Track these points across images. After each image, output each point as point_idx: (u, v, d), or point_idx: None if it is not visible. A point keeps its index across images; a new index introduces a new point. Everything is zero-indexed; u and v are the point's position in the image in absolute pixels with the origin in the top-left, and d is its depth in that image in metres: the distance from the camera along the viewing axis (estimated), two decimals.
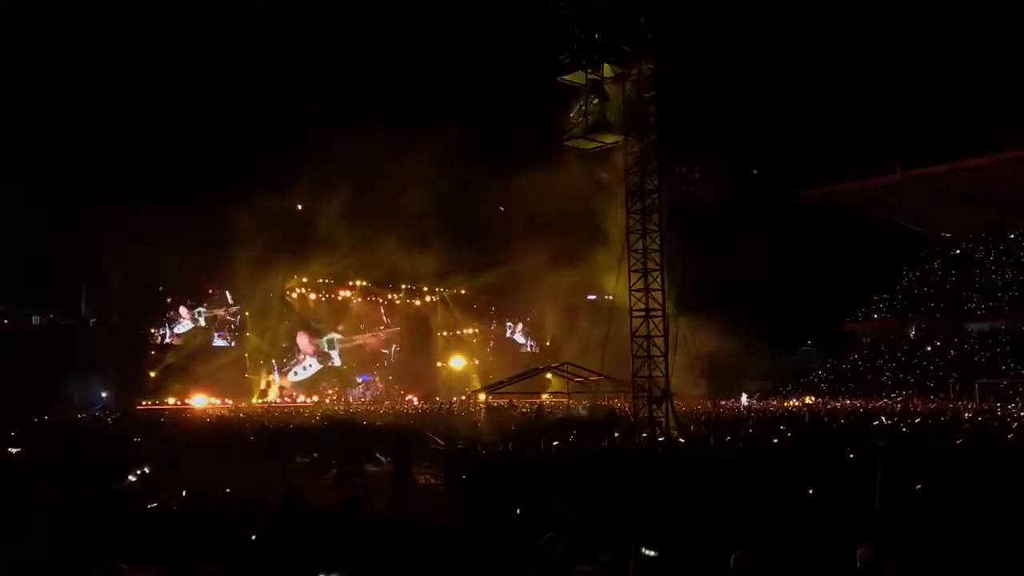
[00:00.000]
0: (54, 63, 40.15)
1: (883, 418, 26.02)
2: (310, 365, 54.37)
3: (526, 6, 32.06)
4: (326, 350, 55.37)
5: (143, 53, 41.53)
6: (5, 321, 44.43)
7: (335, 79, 43.45)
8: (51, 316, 46.52)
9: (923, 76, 53.18)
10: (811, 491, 10.38)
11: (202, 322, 50.51)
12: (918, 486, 8.93)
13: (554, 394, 37.17)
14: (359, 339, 57.09)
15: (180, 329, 49.70)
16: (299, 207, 46.57)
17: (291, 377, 53.29)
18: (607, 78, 27.78)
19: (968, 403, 37.39)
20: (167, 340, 48.91)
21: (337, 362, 55.93)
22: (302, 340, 54.39)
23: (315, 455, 21.12)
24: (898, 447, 11.74)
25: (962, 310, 57.42)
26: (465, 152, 36.41)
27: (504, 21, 39.37)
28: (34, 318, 45.84)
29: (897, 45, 51.74)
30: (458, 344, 58.52)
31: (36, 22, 40.29)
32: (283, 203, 43.49)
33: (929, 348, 57.00)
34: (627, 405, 27.78)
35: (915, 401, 40.21)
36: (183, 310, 49.88)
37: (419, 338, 58.33)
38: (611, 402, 28.40)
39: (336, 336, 55.79)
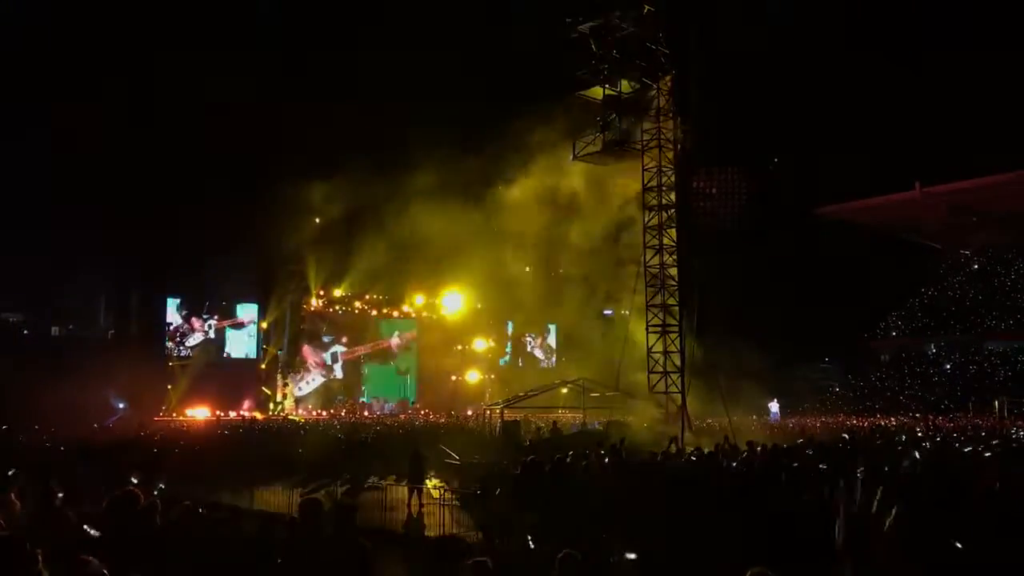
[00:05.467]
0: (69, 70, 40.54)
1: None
2: (313, 379, 54.45)
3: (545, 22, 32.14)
4: (329, 363, 55.62)
5: (155, 60, 41.97)
6: (25, 332, 44.80)
7: (345, 89, 43.63)
8: (70, 327, 46.86)
9: (943, 91, 53.04)
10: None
11: (212, 334, 50.61)
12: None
13: (569, 409, 37.05)
14: (360, 350, 57.25)
15: (192, 342, 49.79)
16: (316, 220, 46.77)
17: (296, 392, 53.46)
18: (625, 94, 27.91)
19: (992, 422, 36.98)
20: (181, 353, 49.02)
21: (339, 375, 56.06)
22: (307, 352, 54.57)
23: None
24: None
25: (981, 328, 56.98)
26: (478, 165, 36.49)
27: (522, 35, 39.45)
28: (53, 329, 46.18)
29: (918, 59, 51.61)
30: (474, 358, 58.47)
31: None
32: (301, 214, 43.70)
33: (948, 366, 56.57)
34: (643, 421, 27.67)
35: (937, 419, 39.79)
36: (195, 322, 50.01)
37: (435, 352, 58.36)
38: (627, 418, 28.25)
39: (340, 349, 56.08)
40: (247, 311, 51.69)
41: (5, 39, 38.52)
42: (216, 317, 50.53)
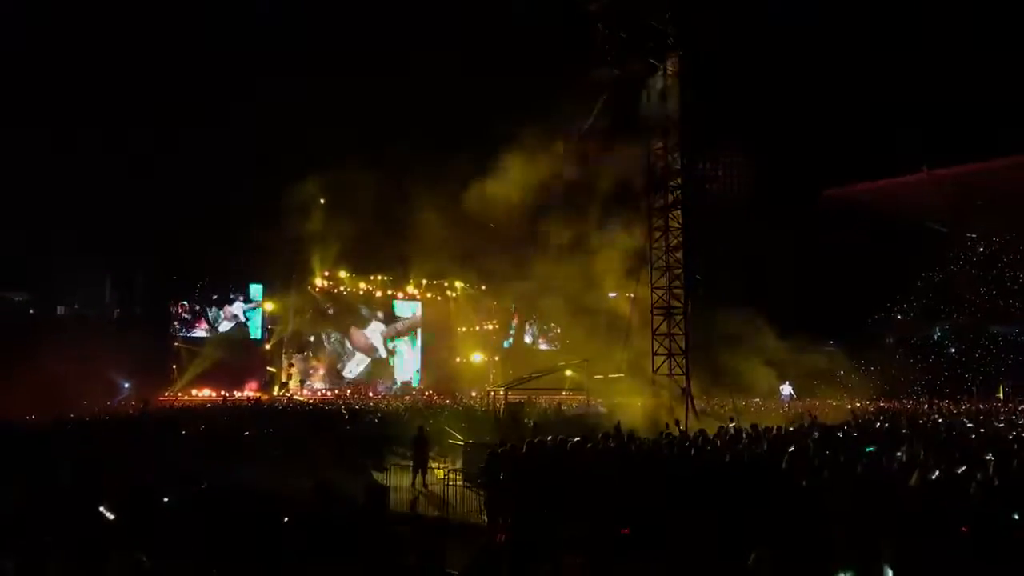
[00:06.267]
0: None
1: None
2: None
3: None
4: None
5: (165, 44, 41.75)
6: (31, 311, 44.89)
7: (353, 69, 43.36)
8: (75, 306, 46.93)
9: (950, 73, 52.63)
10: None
11: (242, 316, 50.79)
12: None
13: (573, 391, 37.09)
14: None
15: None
16: (321, 201, 46.68)
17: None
18: (632, 75, 27.78)
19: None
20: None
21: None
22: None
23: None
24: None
25: (987, 312, 56.85)
26: (483, 145, 36.33)
27: (526, 18, 39.13)
28: (59, 308, 46.26)
29: (925, 42, 51.18)
30: (477, 340, 58.56)
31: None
32: (307, 195, 43.65)
33: (953, 350, 56.51)
34: (647, 403, 27.69)
35: (942, 403, 39.79)
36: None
37: (438, 333, 58.46)
38: (631, 400, 28.27)
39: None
40: (253, 291, 51.85)
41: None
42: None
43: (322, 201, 46.35)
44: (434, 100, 42.45)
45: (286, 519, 7.37)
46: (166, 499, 8.67)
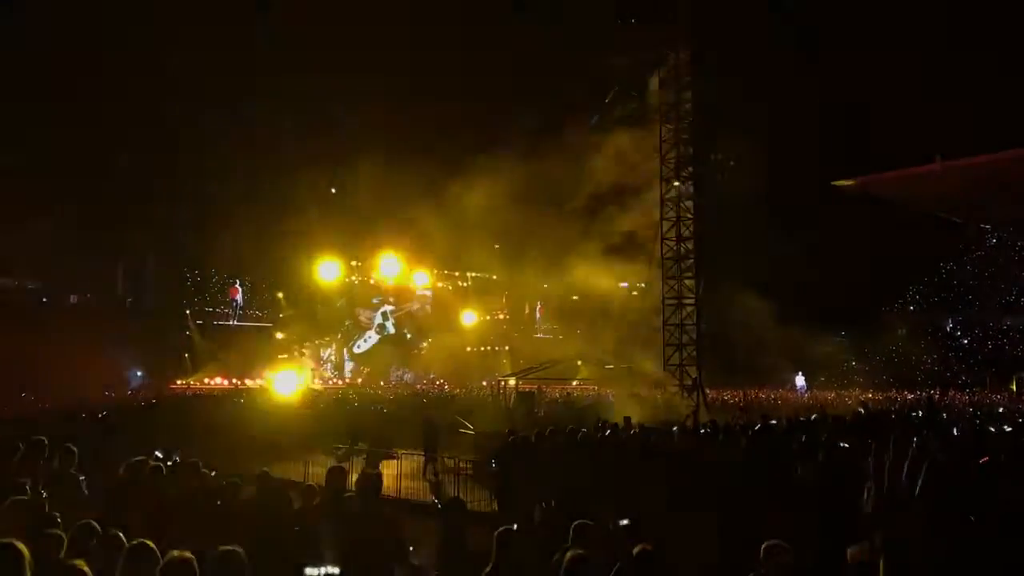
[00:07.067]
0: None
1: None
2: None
3: None
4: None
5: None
6: (44, 299, 45.13)
7: (361, 55, 43.26)
8: (88, 295, 47.17)
9: (964, 63, 52.19)
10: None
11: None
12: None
13: (584, 381, 37.07)
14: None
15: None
16: (332, 190, 46.70)
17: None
18: (644, 64, 27.66)
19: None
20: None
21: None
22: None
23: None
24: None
25: (1000, 303, 56.53)
26: (492, 135, 36.22)
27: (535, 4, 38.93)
28: (72, 297, 46.52)
29: (938, 31, 50.75)
30: (488, 329, 58.60)
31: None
32: (316, 184, 43.71)
33: (966, 341, 56.23)
34: (656, 393, 27.67)
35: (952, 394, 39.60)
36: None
37: (450, 322, 58.51)
38: (641, 391, 28.23)
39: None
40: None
41: None
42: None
43: (333, 191, 46.41)
44: (437, 93, 42.40)
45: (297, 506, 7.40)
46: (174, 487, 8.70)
